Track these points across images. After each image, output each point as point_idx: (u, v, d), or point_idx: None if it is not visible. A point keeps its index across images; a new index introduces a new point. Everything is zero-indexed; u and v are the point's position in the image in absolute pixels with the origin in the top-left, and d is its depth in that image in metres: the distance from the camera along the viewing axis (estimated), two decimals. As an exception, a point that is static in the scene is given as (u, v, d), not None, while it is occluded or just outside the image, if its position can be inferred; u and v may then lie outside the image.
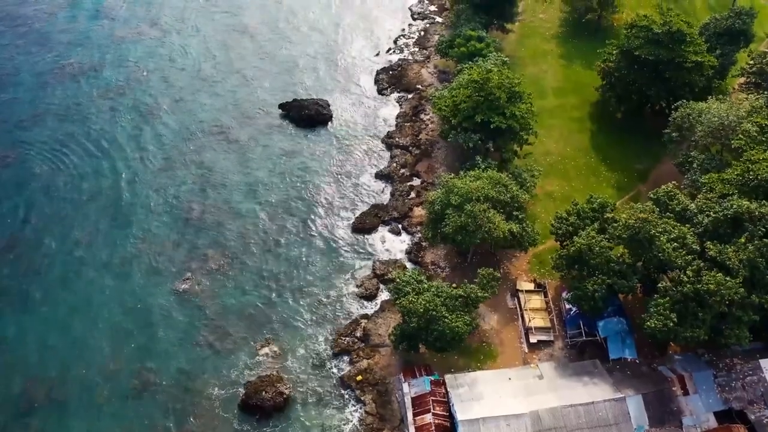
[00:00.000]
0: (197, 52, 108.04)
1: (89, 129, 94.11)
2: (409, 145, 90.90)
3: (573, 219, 67.92)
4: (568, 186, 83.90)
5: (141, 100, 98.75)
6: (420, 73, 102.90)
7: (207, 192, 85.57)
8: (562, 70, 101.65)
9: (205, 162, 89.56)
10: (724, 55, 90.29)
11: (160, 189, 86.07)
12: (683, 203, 64.84)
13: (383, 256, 78.08)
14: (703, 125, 74.34)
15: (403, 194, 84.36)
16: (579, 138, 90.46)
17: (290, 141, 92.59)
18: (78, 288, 75.22)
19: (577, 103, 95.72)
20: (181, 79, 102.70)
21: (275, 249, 79.12)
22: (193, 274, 76.49)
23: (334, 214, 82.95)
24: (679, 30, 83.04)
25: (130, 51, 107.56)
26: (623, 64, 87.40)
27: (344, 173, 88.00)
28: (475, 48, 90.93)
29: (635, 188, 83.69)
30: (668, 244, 60.39)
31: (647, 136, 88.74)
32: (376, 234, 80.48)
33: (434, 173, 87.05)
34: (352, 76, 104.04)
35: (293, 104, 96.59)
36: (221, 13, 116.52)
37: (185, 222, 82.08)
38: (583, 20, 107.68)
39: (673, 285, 59.13)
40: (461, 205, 67.69)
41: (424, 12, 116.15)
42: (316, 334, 71.14)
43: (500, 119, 75.73)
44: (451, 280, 73.84)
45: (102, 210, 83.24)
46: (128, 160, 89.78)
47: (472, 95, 77.22)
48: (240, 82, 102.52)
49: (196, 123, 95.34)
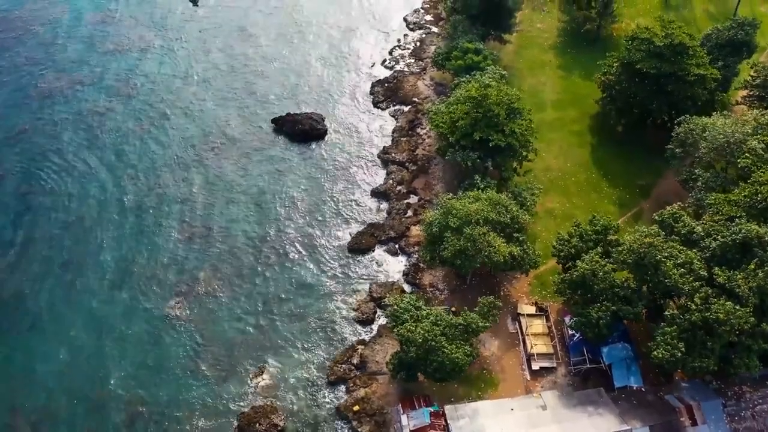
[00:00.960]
0: (187, 66, 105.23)
1: (76, 146, 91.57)
2: (405, 160, 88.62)
3: (575, 241, 65.84)
4: (569, 203, 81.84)
5: (130, 116, 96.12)
6: (416, 86, 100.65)
7: (197, 212, 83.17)
8: (561, 81, 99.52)
9: (195, 180, 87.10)
10: (727, 67, 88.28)
11: (149, 209, 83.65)
12: (689, 226, 62.73)
13: (380, 278, 75.87)
14: (707, 142, 72.36)
15: (399, 212, 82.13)
16: (579, 152, 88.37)
17: (284, 157, 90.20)
18: (65, 313, 72.98)
19: (576, 116, 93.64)
20: (171, 95, 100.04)
21: (268, 271, 76.84)
22: (184, 298, 74.29)
23: (329, 233, 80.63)
24: (681, 43, 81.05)
25: (118, 65, 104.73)
26: (624, 77, 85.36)
27: (339, 191, 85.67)
28: (473, 61, 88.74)
29: (638, 205, 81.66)
30: (675, 270, 58.31)
31: (649, 150, 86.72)
32: (372, 254, 78.22)
33: (431, 190, 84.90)
34: (347, 88, 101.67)
35: (286, 119, 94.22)
36: (211, 27, 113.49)
37: (175, 243, 79.73)
38: (582, 30, 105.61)
39: (680, 312, 57.13)
40: (460, 228, 65.54)
41: (419, 22, 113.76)
42: (311, 361, 68.93)
43: (499, 137, 73.60)
44: (450, 302, 71.93)
45: (89, 231, 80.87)
46: (116, 178, 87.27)
47: (470, 112, 75.08)
48: (232, 96, 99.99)
49: (185, 139, 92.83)
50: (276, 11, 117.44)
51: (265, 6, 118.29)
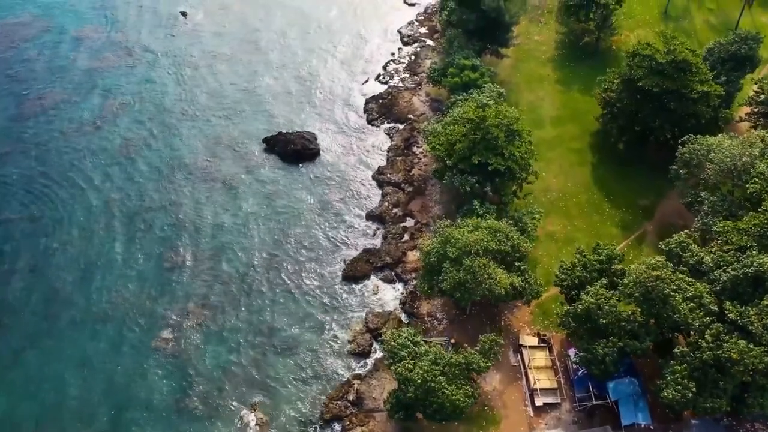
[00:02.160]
0: (175, 83, 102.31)
1: (60, 168, 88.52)
2: (401, 181, 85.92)
3: (579, 272, 63.25)
4: (571, 225, 79.28)
5: (116, 137, 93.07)
6: (411, 102, 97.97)
7: (186, 237, 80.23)
8: (560, 96, 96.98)
9: (183, 204, 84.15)
10: (730, 82, 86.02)
11: (136, 235, 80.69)
12: (697, 255, 60.28)
13: (376, 308, 73.12)
14: (713, 164, 69.97)
15: (396, 237, 79.42)
16: (580, 172, 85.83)
17: (275, 179, 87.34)
18: (48, 348, 69.90)
19: (576, 133, 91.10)
20: (159, 112, 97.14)
21: (260, 301, 74.00)
22: (172, 330, 71.38)
23: (323, 260, 77.82)
24: (684, 59, 78.64)
25: (104, 82, 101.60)
26: (625, 94, 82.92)
27: (333, 214, 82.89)
28: (469, 78, 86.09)
29: (641, 227, 79.13)
30: (684, 304, 55.82)
31: (651, 169, 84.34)
32: (368, 282, 75.49)
33: (428, 213, 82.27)
34: (340, 105, 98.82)
35: (278, 138, 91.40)
36: (201, 41, 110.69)
37: (163, 272, 76.78)
38: (581, 43, 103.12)
39: (690, 350, 54.65)
40: (459, 259, 62.87)
41: (413, 35, 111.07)
42: (305, 398, 66.12)
43: (498, 160, 71.00)
44: (449, 333, 69.34)
45: (73, 260, 77.83)
46: (102, 203, 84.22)
47: (468, 134, 72.44)
48: (222, 114, 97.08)
49: (174, 159, 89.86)
50: (266, 26, 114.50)
51: (255, 21, 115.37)
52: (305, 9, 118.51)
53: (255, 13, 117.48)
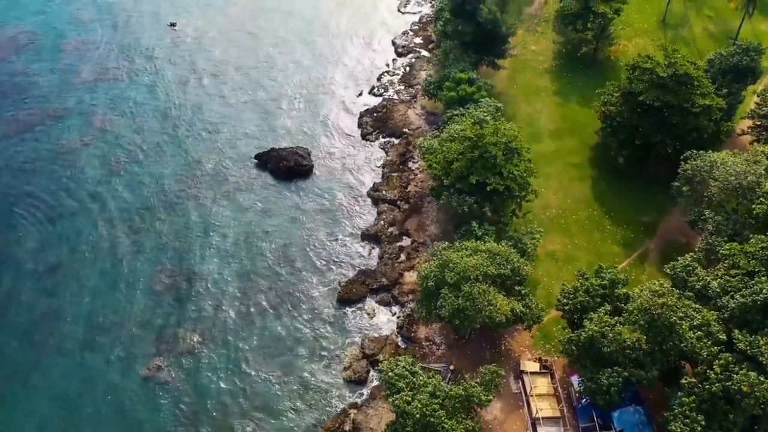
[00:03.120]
0: (165, 97, 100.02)
1: (46, 188, 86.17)
2: (396, 199, 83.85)
3: (581, 297, 61.29)
4: (571, 244, 77.34)
5: (104, 153, 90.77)
6: (407, 115, 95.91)
7: (176, 259, 77.94)
8: (558, 108, 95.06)
9: (174, 223, 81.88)
10: (731, 94, 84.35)
11: (125, 256, 78.37)
12: (704, 280, 58.44)
13: (372, 332, 70.99)
14: (717, 181, 68.15)
15: (392, 257, 77.32)
16: (579, 187, 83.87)
17: (268, 197, 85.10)
18: (32, 380, 67.43)
19: (575, 147, 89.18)
20: (147, 128, 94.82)
21: (252, 325, 71.80)
22: (163, 358, 69.07)
23: (317, 282, 75.66)
24: (686, 73, 76.84)
25: (92, 96, 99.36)
26: (625, 108, 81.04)
27: (327, 234, 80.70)
28: (466, 92, 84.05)
29: (643, 245, 77.18)
30: (691, 333, 53.98)
31: (652, 183, 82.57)
32: (363, 305, 73.35)
33: (425, 232, 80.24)
34: (334, 119, 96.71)
35: (270, 154, 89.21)
36: (190, 54, 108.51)
37: (153, 296, 74.50)
38: (579, 54, 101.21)
39: (698, 381, 52.77)
40: (458, 284, 60.87)
41: (408, 45, 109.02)
42: (300, 428, 63.87)
43: (497, 180, 69.00)
44: (447, 359, 67.30)
45: (60, 284, 75.43)
46: (90, 223, 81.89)
47: (465, 152, 70.42)
48: (212, 129, 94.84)
49: (163, 177, 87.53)
50: (256, 38, 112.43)
51: (245, 32, 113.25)
52: (297, 20, 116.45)
53: (245, 24, 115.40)
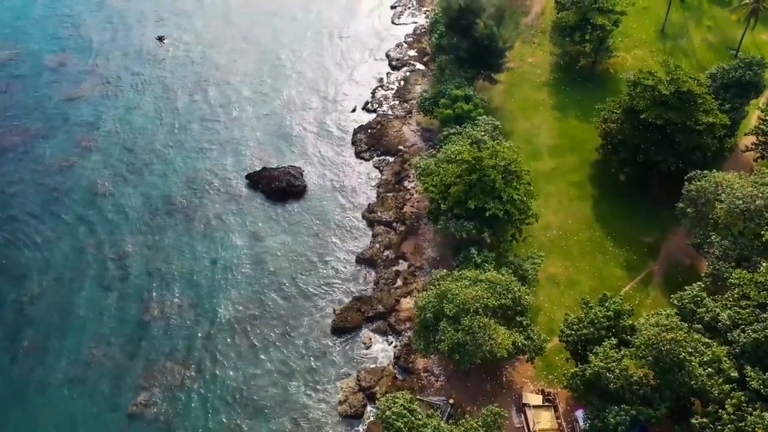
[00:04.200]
0: (152, 113, 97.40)
1: (30, 211, 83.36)
2: (392, 220, 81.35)
3: (586, 329, 58.94)
4: (573, 267, 75.04)
5: (90, 174, 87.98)
6: (402, 132, 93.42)
7: (164, 287, 75.15)
8: (557, 124, 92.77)
9: (162, 248, 79.16)
10: (735, 109, 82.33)
11: (111, 285, 75.61)
12: (713, 311, 56.23)
13: (369, 363, 68.50)
14: (724, 204, 65.96)
15: (388, 282, 74.84)
16: (580, 207, 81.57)
17: (259, 219, 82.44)
18: (12, 418, 64.50)
19: (575, 164, 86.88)
20: (135, 147, 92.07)
21: (244, 357, 69.13)
22: (151, 394, 66.31)
23: (311, 310, 73.04)
24: (689, 90, 74.68)
25: (78, 114, 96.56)
26: (627, 126, 78.86)
27: (321, 258, 78.10)
28: (462, 110, 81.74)
29: (646, 267, 74.95)
30: (701, 369, 51.73)
31: (654, 202, 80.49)
32: (359, 334, 70.85)
33: (422, 255, 77.79)
34: (327, 136, 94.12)
35: (262, 174, 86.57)
36: (178, 68, 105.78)
37: (141, 326, 71.79)
38: (577, 67, 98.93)
39: (710, 421, 50.50)
40: (457, 317, 58.47)
41: (402, 58, 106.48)
42: (294, 467, 61.59)
43: (496, 204, 66.56)
44: (447, 391, 64.90)
45: (44, 315, 72.62)
46: (74, 249, 79.18)
47: (463, 175, 68.00)
48: (201, 147, 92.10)
49: (151, 199, 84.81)
50: (247, 51, 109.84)
51: (235, 45, 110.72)
52: (288, 32, 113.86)
53: (235, 37, 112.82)
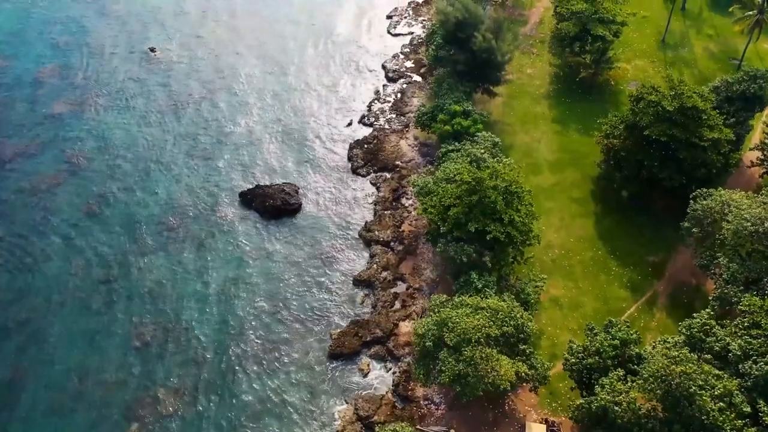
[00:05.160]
0: (143, 128, 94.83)
1: (17, 231, 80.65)
2: (390, 240, 79.21)
3: (592, 360, 56.94)
4: (576, 288, 73.08)
5: (79, 193, 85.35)
6: (399, 146, 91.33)
7: (154, 311, 72.72)
8: (557, 137, 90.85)
9: (152, 270, 76.78)
10: (739, 123, 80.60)
11: (100, 308, 73.16)
12: (723, 340, 54.33)
13: (367, 390, 66.29)
14: (731, 225, 64.09)
15: (386, 305, 72.72)
16: (582, 224, 79.67)
17: (253, 239, 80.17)
18: (0, 450, 62.65)
19: (576, 180, 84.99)
20: (125, 164, 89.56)
21: (238, 384, 66.86)
22: (142, 425, 63.97)
23: (307, 334, 70.83)
24: (694, 106, 72.86)
25: (67, 129, 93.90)
26: (630, 142, 77.06)
27: (317, 280, 75.88)
28: (461, 126, 79.81)
29: (651, 287, 73.11)
30: (712, 403, 49.79)
31: (658, 218, 78.96)
32: (356, 360, 68.65)
33: (421, 276, 75.71)
34: (322, 152, 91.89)
35: (256, 192, 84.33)
36: (170, 82, 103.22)
37: (131, 352, 69.40)
38: (577, 79, 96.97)
39: (722, 458, 48.60)
40: (458, 347, 56.42)
41: (399, 69, 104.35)
42: (290, 503, 59.45)
43: (497, 227, 64.51)
44: (448, 420, 62.87)
45: (30, 341, 69.99)
46: (62, 270, 76.55)
47: (463, 197, 65.94)
48: (194, 164, 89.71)
49: (141, 219, 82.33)
50: (240, 63, 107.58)
51: (228, 57, 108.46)
52: (282, 44, 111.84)
53: (228, 48, 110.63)
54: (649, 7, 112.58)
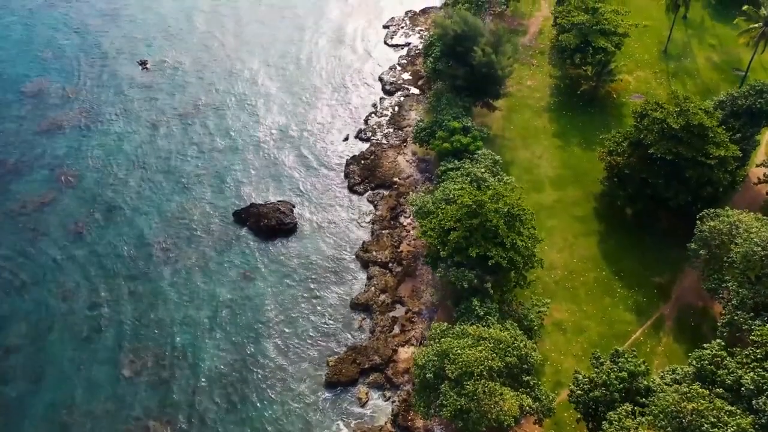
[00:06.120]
0: (133, 145, 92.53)
1: (4, 255, 78.23)
2: (388, 260, 77.01)
3: (598, 393, 54.79)
4: (580, 311, 70.95)
5: (68, 213, 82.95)
6: (396, 162, 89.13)
7: (145, 338, 70.46)
8: (559, 153, 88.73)
9: (143, 295, 74.40)
10: (745, 139, 78.59)
11: (89, 336, 70.81)
12: (735, 373, 52.21)
13: (365, 421, 64.08)
14: (741, 248, 62.05)
15: (384, 330, 70.50)
16: (585, 244, 77.55)
17: (247, 261, 77.85)
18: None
19: (579, 197, 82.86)
20: (115, 183, 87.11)
21: (232, 414, 64.54)
22: (131, 458, 61.96)
23: (303, 362, 68.53)
24: (701, 124, 70.84)
25: (55, 147, 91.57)
26: (634, 159, 74.97)
27: (313, 304, 73.60)
28: (461, 144, 77.64)
29: (657, 310, 71.00)
30: (725, 441, 47.77)
31: (663, 237, 76.99)
32: (354, 388, 66.36)
33: (420, 299, 73.54)
34: (318, 168, 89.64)
35: (250, 211, 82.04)
36: (162, 96, 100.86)
37: (120, 381, 67.04)
38: (579, 92, 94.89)
39: (737, 501, 46.49)
40: (460, 379, 54.19)
41: (396, 82, 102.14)
42: None
43: (499, 252, 62.31)
44: (449, 453, 60.73)
45: (16, 370, 67.69)
46: (50, 297, 74.10)
47: (463, 220, 63.74)
48: (186, 182, 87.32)
49: (132, 240, 79.93)
50: (234, 75, 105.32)
51: (221, 70, 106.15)
52: (276, 56, 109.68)
53: (221, 61, 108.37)
54: (650, 16, 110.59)
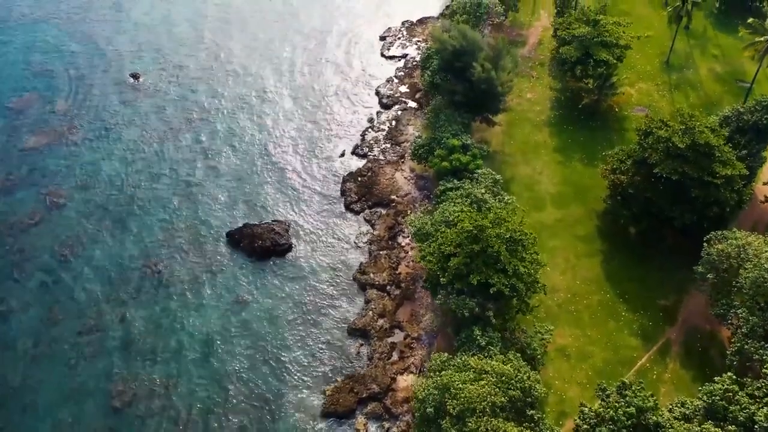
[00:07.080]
0: (124, 162, 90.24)
1: (-10, 279, 76.42)
2: (386, 283, 74.86)
3: (605, 429, 52.69)
4: (583, 336, 68.91)
5: (57, 233, 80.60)
6: (394, 179, 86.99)
7: (136, 366, 68.20)
8: (560, 169, 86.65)
9: (134, 320, 72.14)
10: (751, 156, 76.64)
11: (78, 364, 68.55)
12: (747, 409, 50.25)
13: (363, 454, 62.21)
14: (750, 273, 60.12)
15: (383, 357, 68.37)
16: (588, 265, 75.47)
17: (241, 284, 75.63)
18: None
19: (581, 215, 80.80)
20: (107, 201, 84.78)
21: (225, 448, 62.66)
22: (121, 494, 59.75)
23: (299, 392, 66.27)
24: (707, 143, 68.92)
25: (44, 164, 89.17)
26: (638, 178, 72.98)
27: (308, 330, 71.34)
28: (460, 162, 75.58)
29: (663, 334, 68.93)
30: (740, 484, 45.86)
31: (668, 258, 74.94)
32: (352, 419, 64.13)
33: (419, 323, 71.41)
34: (314, 185, 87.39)
35: (244, 232, 79.79)
36: (153, 110, 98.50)
37: (111, 413, 64.74)
38: (580, 105, 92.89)
39: None
40: (462, 416, 52.09)
41: (393, 95, 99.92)
42: None
43: (501, 279, 60.19)
44: (450, 488, 58.39)
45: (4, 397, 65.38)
46: (37, 323, 71.87)
47: (464, 245, 61.64)
48: (178, 202, 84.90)
49: (122, 262, 77.72)
50: (228, 88, 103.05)
51: (215, 83, 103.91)
52: (269, 66, 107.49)
53: (213, 73, 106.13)
54: (651, 27, 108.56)
